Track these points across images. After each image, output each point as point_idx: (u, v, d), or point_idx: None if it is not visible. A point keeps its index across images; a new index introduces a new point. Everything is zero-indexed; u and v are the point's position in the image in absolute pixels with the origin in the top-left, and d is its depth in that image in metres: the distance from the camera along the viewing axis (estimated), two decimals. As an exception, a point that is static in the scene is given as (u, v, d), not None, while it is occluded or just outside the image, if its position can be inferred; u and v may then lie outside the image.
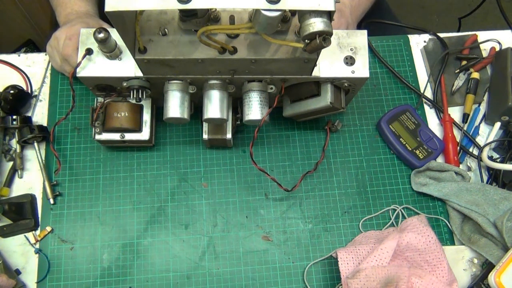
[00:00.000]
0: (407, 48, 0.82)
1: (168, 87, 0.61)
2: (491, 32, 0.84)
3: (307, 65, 0.58)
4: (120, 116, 0.66)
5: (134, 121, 0.67)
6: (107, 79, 0.61)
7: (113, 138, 0.68)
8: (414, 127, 0.75)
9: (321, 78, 0.61)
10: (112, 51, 0.59)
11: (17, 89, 0.72)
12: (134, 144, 0.71)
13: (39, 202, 0.70)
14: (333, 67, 0.61)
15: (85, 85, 0.63)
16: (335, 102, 0.63)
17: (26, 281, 0.66)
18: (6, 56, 0.78)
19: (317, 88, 0.64)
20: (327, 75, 0.61)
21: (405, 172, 0.74)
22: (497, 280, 0.61)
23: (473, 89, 0.78)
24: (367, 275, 0.60)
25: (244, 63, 0.57)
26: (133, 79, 0.61)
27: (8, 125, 0.70)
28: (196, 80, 0.61)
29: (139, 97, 0.62)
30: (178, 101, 0.61)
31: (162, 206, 0.71)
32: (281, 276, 0.68)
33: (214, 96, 0.61)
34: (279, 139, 0.75)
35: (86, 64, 0.60)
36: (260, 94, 0.62)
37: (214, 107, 0.61)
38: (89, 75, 0.60)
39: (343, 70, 0.61)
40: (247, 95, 0.62)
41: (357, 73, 0.61)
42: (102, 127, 0.67)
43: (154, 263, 0.68)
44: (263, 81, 0.62)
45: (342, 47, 0.61)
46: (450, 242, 0.70)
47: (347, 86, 0.64)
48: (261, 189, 0.72)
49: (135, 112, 0.68)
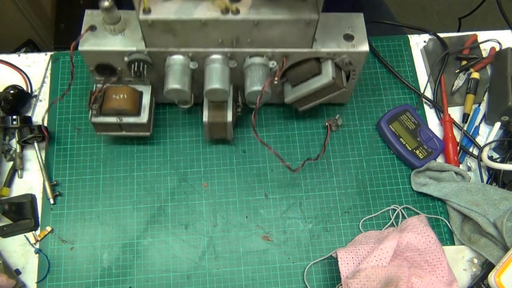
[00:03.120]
0: (407, 48, 0.83)
1: (169, 61, 0.62)
2: (491, 32, 0.84)
3: (308, 31, 0.59)
4: (119, 98, 0.65)
5: (133, 103, 0.66)
6: (109, 54, 0.62)
7: (109, 121, 0.66)
8: (414, 127, 0.75)
9: (322, 52, 0.63)
10: (116, 23, 0.60)
11: (17, 89, 0.72)
12: (131, 132, 0.69)
13: (39, 202, 0.70)
14: (333, 43, 0.63)
15: (86, 63, 0.64)
16: (336, 78, 0.64)
17: (26, 281, 0.66)
18: (6, 56, 0.78)
19: (318, 67, 0.65)
20: (328, 49, 0.63)
21: (405, 172, 0.74)
22: (497, 280, 0.61)
23: (473, 89, 0.78)
24: (367, 275, 0.60)
25: (246, 26, 0.58)
26: (135, 53, 0.62)
27: (8, 125, 0.70)
28: (197, 55, 0.62)
29: (140, 71, 0.62)
30: (179, 73, 0.62)
31: (162, 206, 0.71)
32: (281, 276, 0.68)
33: (216, 68, 0.62)
34: (279, 139, 0.75)
35: (89, 39, 0.61)
36: (261, 68, 0.63)
37: (216, 78, 0.61)
38: (91, 49, 0.61)
39: (343, 45, 0.63)
40: (248, 69, 0.63)
41: (357, 48, 0.63)
42: (99, 109, 0.66)
43: (154, 263, 0.68)
44: (264, 56, 0.63)
45: (340, 26, 0.64)
46: (450, 242, 0.70)
47: (347, 64, 0.65)
48: (261, 189, 0.72)
49: (135, 95, 0.67)
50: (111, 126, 0.68)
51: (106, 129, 0.69)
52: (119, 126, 0.67)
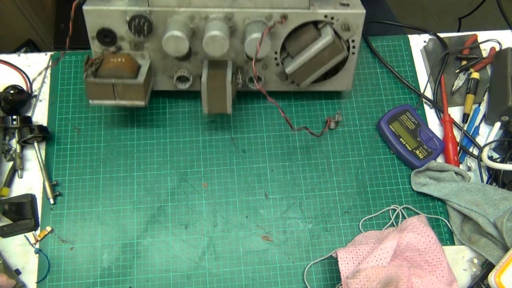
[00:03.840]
0: (407, 48, 0.83)
1: (170, 20, 0.64)
2: (491, 32, 0.84)
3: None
4: (117, 61, 0.65)
5: (130, 67, 0.66)
6: (112, 14, 0.63)
7: (105, 82, 0.65)
8: (414, 127, 0.75)
9: (319, 13, 0.65)
10: None
11: (17, 89, 0.72)
12: (126, 100, 0.67)
13: (39, 202, 0.70)
14: (330, 6, 0.66)
15: (88, 28, 0.65)
16: (336, 39, 0.66)
17: (26, 281, 0.66)
18: (6, 56, 0.78)
19: (318, 33, 0.66)
20: (325, 11, 0.65)
21: (405, 172, 0.74)
22: (497, 280, 0.61)
23: (473, 89, 0.78)
24: (367, 275, 0.60)
25: None
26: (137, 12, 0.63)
27: (8, 125, 0.70)
28: (197, 15, 0.64)
29: (140, 27, 0.63)
30: (179, 24, 0.63)
31: (162, 206, 0.71)
32: (281, 276, 0.68)
33: (215, 22, 0.63)
34: (279, 139, 0.75)
35: (93, 0, 0.64)
36: (260, 23, 0.65)
37: (215, 28, 0.62)
38: (95, 8, 0.63)
39: (340, 8, 0.66)
40: (248, 26, 0.65)
41: (353, 10, 0.66)
42: (95, 72, 0.65)
43: (154, 263, 0.68)
44: (263, 17, 0.65)
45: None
46: (450, 242, 0.70)
47: (345, 29, 0.67)
48: (261, 189, 0.72)
49: (132, 61, 0.67)
50: (106, 92, 0.66)
51: (100, 95, 0.66)
52: (113, 92, 0.66)
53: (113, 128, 0.75)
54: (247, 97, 0.77)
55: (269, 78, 0.72)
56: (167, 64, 0.70)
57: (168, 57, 0.69)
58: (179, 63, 0.70)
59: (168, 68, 0.71)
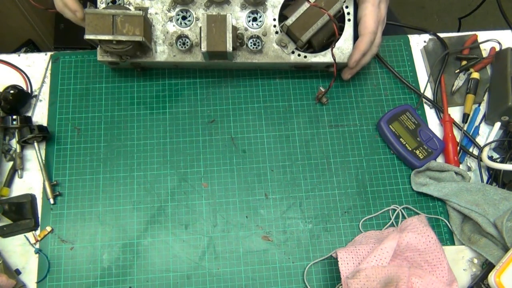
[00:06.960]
0: (407, 48, 0.82)
1: None
2: (491, 32, 0.84)
3: None
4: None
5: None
6: None
7: (105, 12, 0.64)
8: (414, 127, 0.75)
9: None
10: None
11: (17, 89, 0.72)
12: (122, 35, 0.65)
13: (39, 202, 0.70)
14: None
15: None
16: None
17: (26, 281, 0.66)
18: (6, 56, 0.78)
19: None
20: None
21: (405, 172, 0.74)
22: (497, 280, 0.61)
23: (473, 89, 0.78)
24: (367, 275, 0.60)
25: None
26: None
27: (8, 125, 0.70)
28: None
29: None
30: None
31: (162, 206, 0.71)
32: (281, 276, 0.68)
33: None
34: (279, 139, 0.75)
35: None
36: None
37: None
38: None
39: None
40: None
41: None
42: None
43: (154, 263, 0.68)
44: None
45: None
46: (450, 242, 0.70)
47: None
48: (261, 189, 0.72)
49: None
50: (104, 26, 0.64)
51: (98, 29, 0.65)
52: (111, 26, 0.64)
53: (113, 128, 0.75)
54: (247, 97, 0.77)
55: (269, 47, 0.72)
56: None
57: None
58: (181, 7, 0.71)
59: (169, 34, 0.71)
